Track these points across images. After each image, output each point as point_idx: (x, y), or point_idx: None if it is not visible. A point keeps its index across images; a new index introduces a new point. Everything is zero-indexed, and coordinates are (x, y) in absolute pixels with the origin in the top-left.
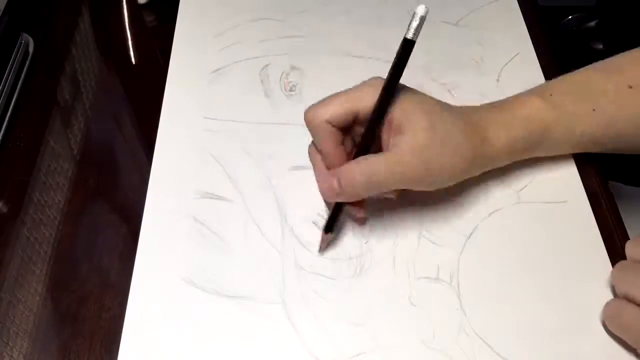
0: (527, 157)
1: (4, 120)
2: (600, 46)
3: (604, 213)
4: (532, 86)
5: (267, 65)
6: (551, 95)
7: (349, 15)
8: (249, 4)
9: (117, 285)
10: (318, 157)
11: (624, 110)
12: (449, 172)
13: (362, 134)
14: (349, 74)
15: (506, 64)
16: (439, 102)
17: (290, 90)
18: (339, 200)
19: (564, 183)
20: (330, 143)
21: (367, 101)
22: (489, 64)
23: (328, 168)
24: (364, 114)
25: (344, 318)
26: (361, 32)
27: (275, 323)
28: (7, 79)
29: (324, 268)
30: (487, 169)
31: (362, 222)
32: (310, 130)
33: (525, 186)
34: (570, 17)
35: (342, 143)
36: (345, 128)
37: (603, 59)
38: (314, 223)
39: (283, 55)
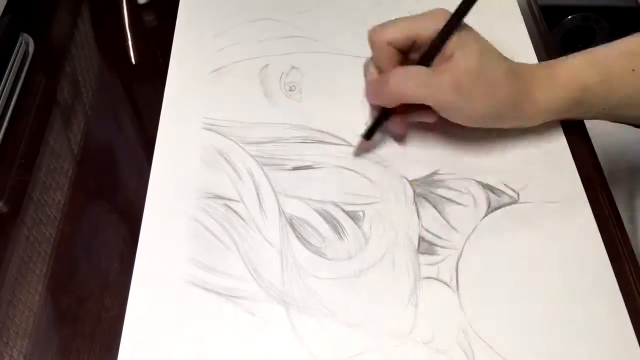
0: (567, 117)
1: (4, 120)
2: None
3: (603, 212)
4: None
5: (267, 65)
6: (593, 56)
7: (348, 15)
8: (249, 4)
9: (117, 285)
10: (373, 71)
11: None
12: (482, 109)
13: (418, 58)
14: (348, 74)
15: None
16: (493, 47)
17: (290, 90)
18: (380, 101)
19: (564, 183)
20: (388, 62)
21: (428, 29)
22: None
23: None
24: (423, 41)
25: (344, 318)
26: (361, 32)
27: (275, 323)
28: (7, 79)
29: (324, 268)
30: (526, 122)
31: (401, 139)
32: (372, 48)
33: (525, 186)
34: (570, 17)
35: (399, 64)
36: (405, 51)
37: None
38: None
39: (283, 55)
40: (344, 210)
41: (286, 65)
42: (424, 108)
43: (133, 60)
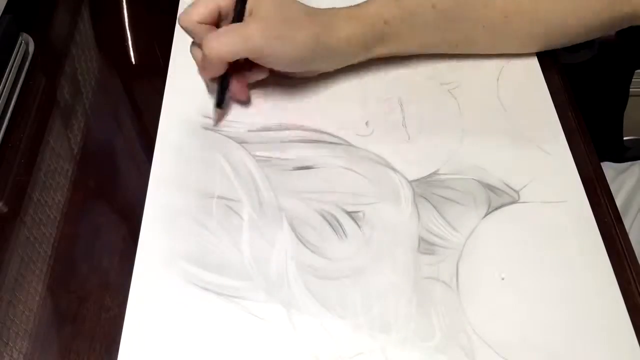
0: (380, 53)
1: (4, 120)
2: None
3: (603, 212)
4: (532, 86)
5: None
6: None
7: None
8: None
9: (117, 285)
10: (198, 51)
11: (463, 7)
12: (288, 49)
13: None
14: (349, 73)
15: (506, 64)
16: None
17: None
18: (209, 72)
19: (564, 183)
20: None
21: None
22: (489, 65)
23: None
24: (225, 10)
25: (344, 318)
26: None
27: (276, 323)
28: (7, 79)
29: (324, 268)
30: (335, 60)
31: (245, 101)
32: (186, 32)
33: (525, 186)
34: None
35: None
36: (216, 23)
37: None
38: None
39: None
40: (344, 210)
41: None
42: (255, 67)
43: (133, 60)
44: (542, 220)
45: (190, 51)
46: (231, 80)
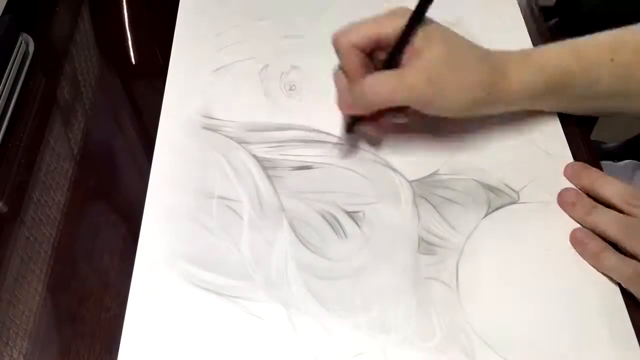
0: (547, 105)
1: (4, 120)
2: None
3: None
4: None
5: (267, 65)
6: (571, 44)
7: (348, 16)
8: (249, 4)
9: (117, 285)
10: (343, 77)
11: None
12: (458, 96)
13: (384, 59)
14: None
15: None
16: (461, 36)
17: (290, 89)
18: (355, 111)
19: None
20: (355, 65)
21: (392, 28)
22: None
23: None
24: (386, 40)
25: (344, 318)
26: None
27: (276, 323)
28: (7, 79)
29: (325, 268)
30: (500, 108)
31: (374, 142)
32: (337, 53)
33: (525, 186)
34: None
35: (367, 66)
36: (369, 52)
37: None
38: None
39: (283, 55)
40: (344, 210)
41: (286, 65)
42: (395, 110)
43: (133, 60)
44: (542, 221)
45: (334, 76)
46: (364, 121)
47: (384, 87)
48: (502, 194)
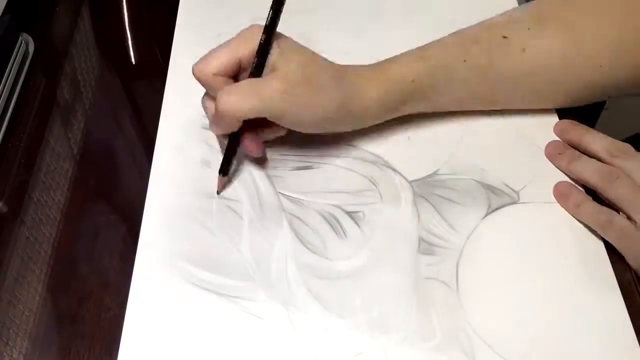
0: (400, 111)
1: (4, 120)
2: None
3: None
4: None
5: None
6: (423, 50)
7: (349, 16)
8: (249, 4)
9: (117, 285)
10: (212, 104)
11: (496, 61)
12: (309, 112)
13: (247, 78)
14: None
15: None
16: (317, 53)
17: None
18: (222, 128)
19: None
20: (221, 89)
21: (247, 50)
22: None
23: None
24: (246, 61)
25: (344, 318)
26: (361, 33)
27: (276, 323)
28: (7, 79)
29: (324, 268)
30: (359, 122)
31: (260, 160)
32: (201, 84)
33: (525, 186)
34: None
35: None
36: (234, 76)
37: None
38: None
39: None
40: (344, 210)
41: None
42: (273, 124)
43: (133, 60)
44: (542, 221)
45: (202, 103)
46: (243, 138)
47: (238, 96)
48: (502, 194)
